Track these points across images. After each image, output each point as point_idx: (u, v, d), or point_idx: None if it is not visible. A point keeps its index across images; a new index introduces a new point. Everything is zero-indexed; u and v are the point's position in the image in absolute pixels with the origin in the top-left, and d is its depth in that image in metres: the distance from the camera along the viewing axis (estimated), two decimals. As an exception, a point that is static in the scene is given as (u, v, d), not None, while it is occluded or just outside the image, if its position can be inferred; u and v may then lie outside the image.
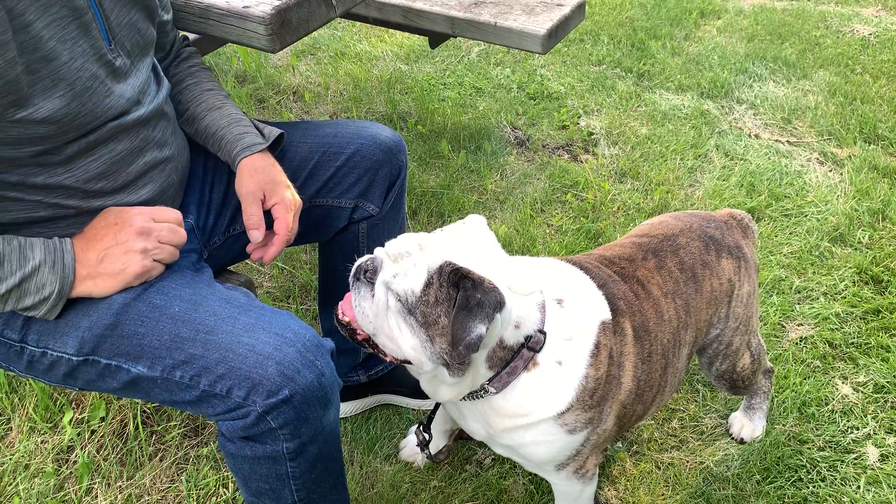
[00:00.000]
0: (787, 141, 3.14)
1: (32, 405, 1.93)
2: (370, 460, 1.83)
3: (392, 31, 4.01)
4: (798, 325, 2.22)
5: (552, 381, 1.28)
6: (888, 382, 2.02)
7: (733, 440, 1.89)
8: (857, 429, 1.91)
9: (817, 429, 1.91)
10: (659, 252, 1.50)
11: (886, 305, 2.25)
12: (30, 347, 1.22)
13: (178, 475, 1.81)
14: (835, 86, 3.50)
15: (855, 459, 1.83)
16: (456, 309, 1.13)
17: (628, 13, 4.29)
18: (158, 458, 1.84)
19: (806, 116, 3.30)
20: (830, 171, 2.93)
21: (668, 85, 3.58)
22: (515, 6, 2.45)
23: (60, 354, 1.21)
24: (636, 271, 1.46)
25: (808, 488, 1.77)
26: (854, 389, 2.01)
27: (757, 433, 1.87)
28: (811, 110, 3.33)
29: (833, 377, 2.05)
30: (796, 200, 2.74)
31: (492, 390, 1.28)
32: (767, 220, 2.65)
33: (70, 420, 1.89)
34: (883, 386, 2.01)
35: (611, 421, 1.38)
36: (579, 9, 2.48)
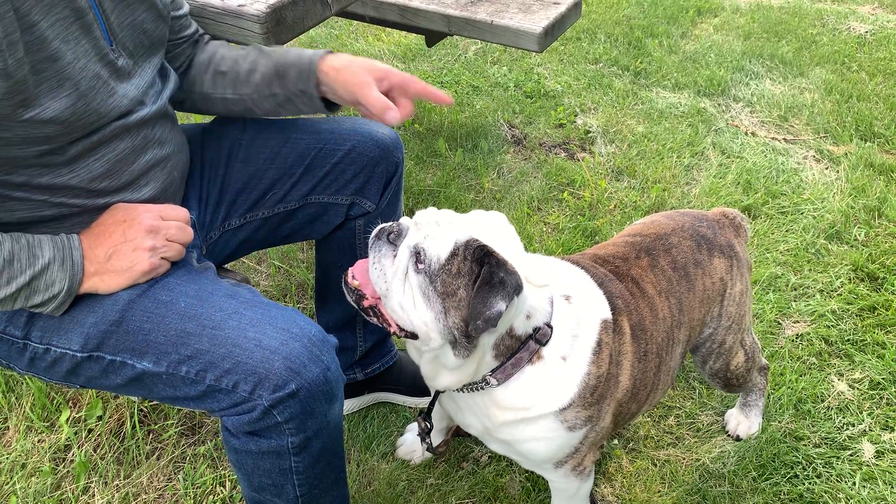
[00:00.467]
0: (784, 138, 3.14)
1: (29, 404, 1.93)
2: (367, 458, 1.84)
3: (389, 30, 4.01)
4: (794, 322, 2.22)
5: (556, 377, 1.28)
6: (884, 379, 2.02)
7: (729, 437, 1.89)
8: (853, 425, 1.91)
9: (813, 425, 1.91)
10: (652, 251, 1.50)
11: (882, 302, 2.25)
12: (33, 344, 1.22)
13: (176, 474, 1.81)
14: (831, 83, 3.50)
15: (850, 456, 1.84)
16: (479, 283, 1.14)
17: (625, 11, 4.29)
18: (155, 457, 1.84)
19: (802, 114, 3.30)
20: (827, 169, 2.94)
21: (665, 83, 3.58)
22: (512, 4, 2.45)
23: (64, 351, 1.21)
24: (630, 270, 1.46)
25: (804, 485, 1.77)
26: (850, 386, 2.02)
27: (753, 430, 1.88)
28: (807, 108, 3.33)
29: (829, 374, 2.05)
30: (793, 198, 2.75)
31: (493, 381, 1.27)
32: (764, 218, 2.66)
33: (67, 419, 1.89)
34: (878, 383, 2.02)
35: (608, 419, 1.38)
36: (575, 7, 2.48)
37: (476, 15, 2.40)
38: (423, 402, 1.99)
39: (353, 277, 1.30)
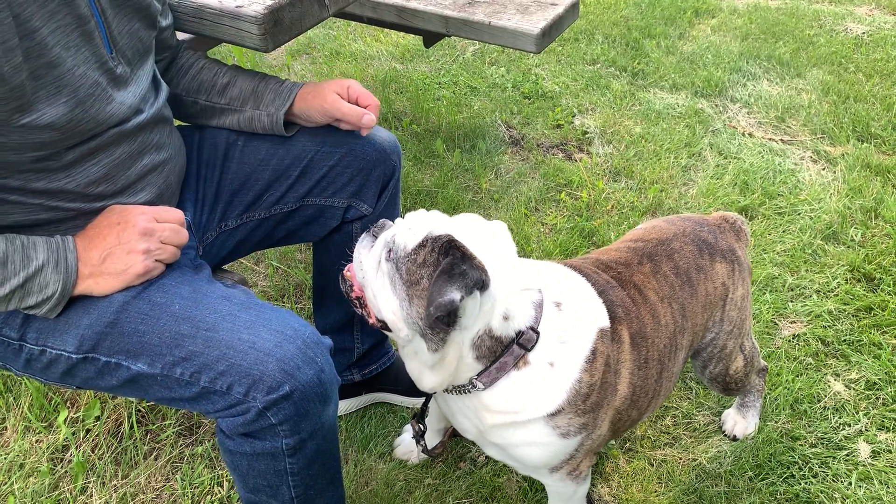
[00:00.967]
0: (781, 139, 3.15)
1: (27, 404, 1.94)
2: (364, 458, 1.84)
3: (387, 31, 4.02)
4: (791, 323, 2.23)
5: (543, 382, 1.28)
6: (880, 379, 2.03)
7: (726, 437, 1.90)
8: (849, 425, 1.92)
9: (809, 425, 1.92)
10: (654, 256, 1.50)
11: (878, 303, 2.26)
12: (28, 346, 1.22)
13: (173, 474, 1.81)
14: (828, 84, 3.51)
15: (846, 456, 1.84)
16: (439, 272, 1.16)
17: (623, 12, 4.30)
18: (153, 457, 1.85)
19: (799, 115, 3.31)
20: (824, 170, 2.95)
21: (663, 84, 3.59)
22: (509, 5, 2.46)
23: (60, 352, 1.21)
24: (633, 276, 1.45)
25: (800, 484, 1.78)
26: (846, 386, 2.03)
27: (749, 430, 1.88)
28: (805, 109, 3.34)
29: (825, 374, 2.06)
30: (790, 199, 2.75)
31: (480, 385, 1.28)
32: (761, 219, 2.66)
33: (65, 419, 1.89)
34: (874, 383, 2.03)
35: (605, 426, 1.38)
36: (573, 8, 2.49)
37: (474, 16, 2.40)
38: (421, 403, 1.99)
39: (348, 270, 1.36)
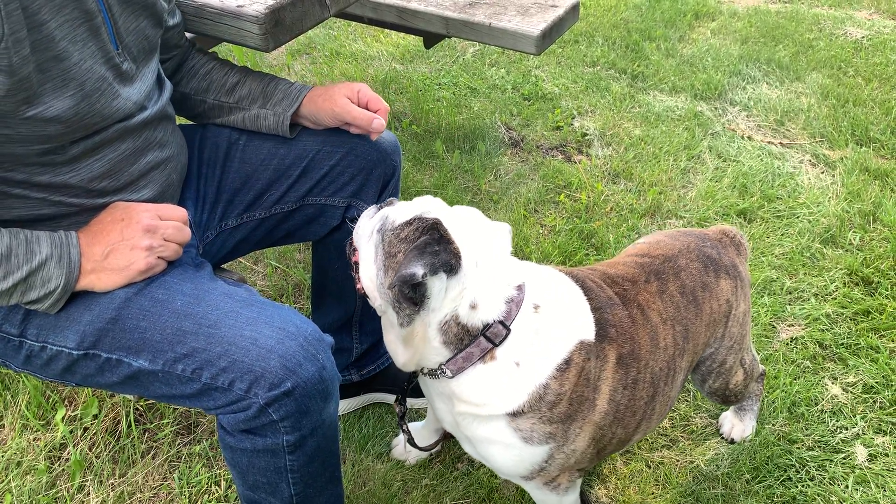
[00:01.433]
0: (780, 143, 3.15)
1: (25, 402, 1.93)
2: (362, 458, 1.84)
3: (387, 31, 4.02)
4: (789, 326, 2.23)
5: (506, 379, 1.27)
6: (877, 383, 2.03)
7: (724, 440, 1.90)
8: (847, 429, 1.92)
9: (807, 429, 1.92)
10: (661, 274, 1.48)
11: (876, 306, 2.27)
12: (29, 342, 1.23)
13: (171, 473, 1.81)
14: (827, 88, 3.52)
15: (844, 459, 1.85)
16: (412, 247, 1.20)
17: (623, 14, 4.30)
18: (151, 456, 1.85)
19: (799, 118, 3.31)
20: (822, 173, 2.95)
21: (662, 86, 3.59)
22: (510, 7, 2.46)
23: (60, 349, 1.21)
24: (638, 295, 1.43)
25: (797, 487, 1.78)
26: (843, 390, 2.03)
27: (747, 433, 1.88)
28: (804, 112, 3.35)
29: (823, 377, 2.06)
30: (788, 202, 2.76)
31: (448, 372, 1.29)
32: (759, 222, 2.67)
33: (63, 417, 1.89)
34: (872, 386, 2.03)
35: (582, 442, 1.34)
36: (573, 10, 2.49)
37: (474, 17, 2.41)
38: (419, 403, 2.00)
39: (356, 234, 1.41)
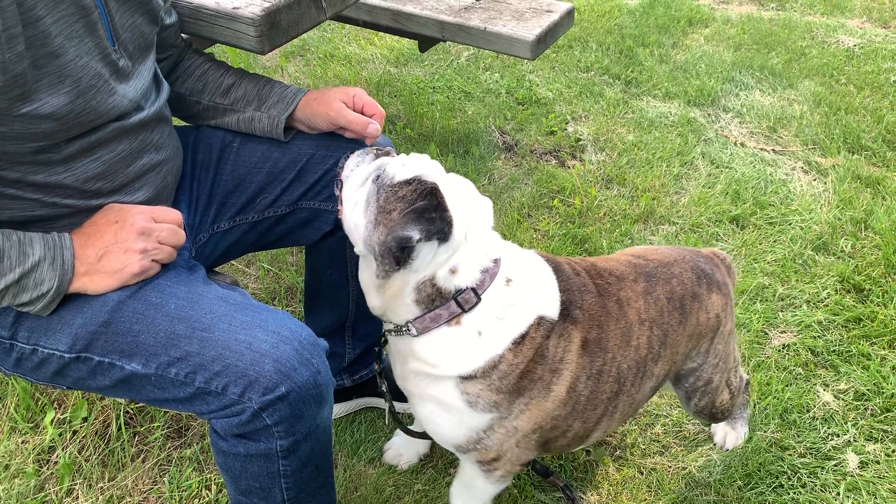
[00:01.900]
0: (773, 150, 3.17)
1: (13, 405, 1.92)
2: (354, 463, 1.83)
3: (382, 35, 4.02)
4: (781, 333, 2.24)
5: (466, 345, 1.29)
6: (868, 390, 2.04)
7: (716, 446, 1.90)
8: (838, 436, 1.93)
9: (798, 435, 1.93)
10: (652, 277, 1.48)
11: (868, 314, 2.27)
12: (20, 344, 1.21)
13: (161, 477, 1.80)
14: (820, 96, 3.54)
15: (835, 466, 1.85)
16: (410, 209, 1.21)
17: (617, 20, 4.32)
18: (141, 460, 1.83)
19: (791, 126, 3.33)
20: (814, 181, 2.96)
21: (656, 92, 3.60)
22: (505, 12, 2.46)
23: (52, 352, 1.20)
24: (620, 290, 1.43)
25: (789, 494, 1.79)
26: (835, 397, 2.04)
27: (739, 440, 1.89)
28: (796, 119, 3.36)
29: (814, 384, 2.07)
30: (780, 209, 2.77)
31: (413, 330, 1.31)
32: (752, 228, 2.67)
33: (52, 420, 1.87)
34: (863, 393, 2.04)
35: (525, 421, 1.34)
36: (568, 15, 2.50)
37: (469, 21, 2.41)
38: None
39: (343, 169, 1.42)
